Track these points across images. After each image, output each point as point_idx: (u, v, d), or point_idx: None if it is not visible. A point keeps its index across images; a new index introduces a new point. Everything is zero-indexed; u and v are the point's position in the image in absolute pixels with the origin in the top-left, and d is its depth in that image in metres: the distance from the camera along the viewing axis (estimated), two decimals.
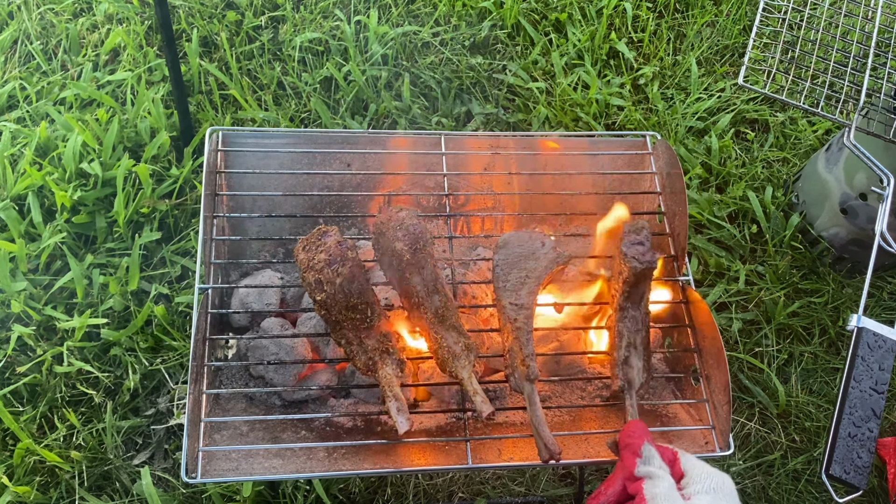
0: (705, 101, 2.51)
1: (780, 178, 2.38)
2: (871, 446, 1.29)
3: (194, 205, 2.08)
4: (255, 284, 1.57)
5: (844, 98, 1.74)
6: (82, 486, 1.67)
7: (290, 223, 1.72)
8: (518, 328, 1.31)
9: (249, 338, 1.53)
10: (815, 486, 1.86)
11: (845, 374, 1.34)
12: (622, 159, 1.74)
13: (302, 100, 2.37)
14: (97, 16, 2.48)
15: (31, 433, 1.72)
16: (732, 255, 2.20)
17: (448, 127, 2.35)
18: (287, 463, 1.31)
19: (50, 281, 1.92)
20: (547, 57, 2.58)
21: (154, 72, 2.36)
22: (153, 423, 1.78)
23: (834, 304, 2.13)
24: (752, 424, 1.91)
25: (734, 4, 2.80)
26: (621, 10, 2.73)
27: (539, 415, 1.23)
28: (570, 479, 1.78)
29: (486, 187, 1.73)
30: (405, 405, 1.21)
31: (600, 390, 1.59)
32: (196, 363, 1.27)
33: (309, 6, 2.59)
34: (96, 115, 2.19)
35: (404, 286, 1.32)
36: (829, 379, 2.02)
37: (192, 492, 1.68)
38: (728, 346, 2.02)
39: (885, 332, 1.38)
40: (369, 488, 1.73)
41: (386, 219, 1.35)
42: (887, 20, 1.90)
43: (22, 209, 2.01)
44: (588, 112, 2.43)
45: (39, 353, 1.80)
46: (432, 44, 2.56)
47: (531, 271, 1.39)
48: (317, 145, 1.66)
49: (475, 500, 1.72)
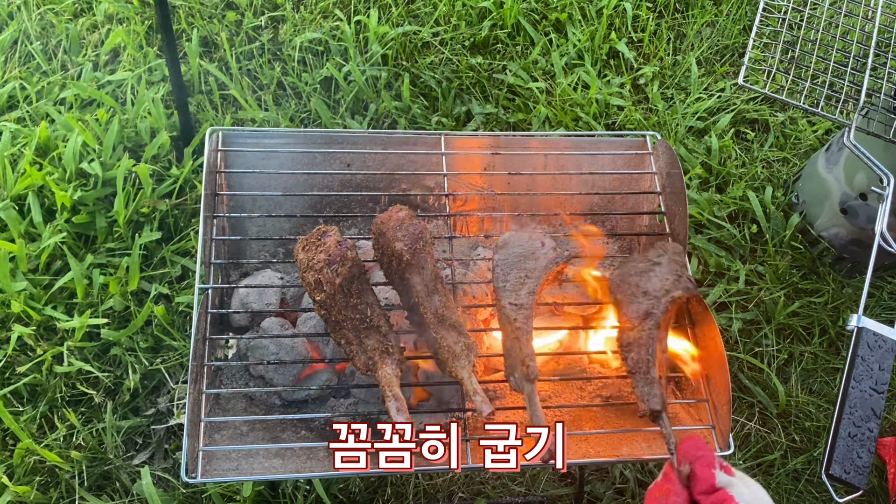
0: (705, 101, 2.51)
1: (780, 178, 2.38)
2: (871, 446, 1.29)
3: (194, 205, 2.08)
4: (255, 284, 1.57)
5: (844, 98, 1.74)
6: (82, 486, 1.67)
7: (290, 223, 1.72)
8: (518, 328, 1.31)
9: (249, 338, 1.53)
10: (815, 486, 1.86)
11: (845, 374, 1.34)
12: (622, 159, 1.74)
13: (302, 100, 2.37)
14: (97, 16, 2.48)
15: (31, 433, 1.72)
16: (732, 255, 2.20)
17: (448, 127, 2.35)
18: (287, 463, 1.31)
19: (50, 281, 1.92)
20: (547, 57, 2.58)
21: (154, 72, 2.36)
22: (153, 423, 1.78)
23: (834, 304, 2.13)
24: (752, 424, 1.91)
25: (734, 4, 2.80)
26: (621, 10, 2.73)
27: (539, 414, 1.23)
28: (570, 479, 1.78)
29: (486, 187, 1.73)
30: (405, 405, 1.21)
31: (600, 390, 1.59)
32: (196, 363, 1.27)
33: (309, 6, 2.59)
34: (96, 115, 2.19)
35: (404, 286, 1.32)
36: (829, 379, 2.02)
37: (192, 492, 1.68)
38: (728, 346, 2.02)
39: (885, 332, 1.38)
40: (369, 488, 1.73)
41: (386, 219, 1.35)
42: (887, 20, 1.90)
43: (22, 209, 2.01)
44: (588, 112, 2.43)
45: (39, 353, 1.80)
46: (432, 44, 2.56)
47: (531, 271, 1.39)
48: (317, 145, 1.66)
49: (475, 500, 1.72)
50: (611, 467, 1.79)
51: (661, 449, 1.34)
